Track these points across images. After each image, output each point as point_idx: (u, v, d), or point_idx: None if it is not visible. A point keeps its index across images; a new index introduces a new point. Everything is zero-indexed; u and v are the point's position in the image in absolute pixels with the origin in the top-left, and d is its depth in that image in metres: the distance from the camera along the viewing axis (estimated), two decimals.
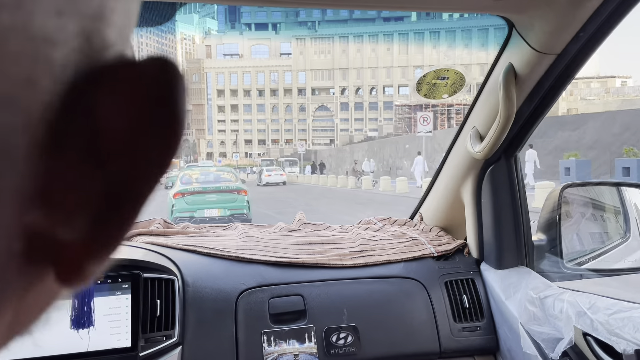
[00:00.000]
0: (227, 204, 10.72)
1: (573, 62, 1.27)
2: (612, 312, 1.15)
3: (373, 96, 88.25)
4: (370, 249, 1.72)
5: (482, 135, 1.55)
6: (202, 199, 10.70)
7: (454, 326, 1.56)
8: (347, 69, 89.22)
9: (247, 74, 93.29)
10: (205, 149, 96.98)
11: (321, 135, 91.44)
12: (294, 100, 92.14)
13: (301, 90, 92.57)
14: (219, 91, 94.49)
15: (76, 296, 1.13)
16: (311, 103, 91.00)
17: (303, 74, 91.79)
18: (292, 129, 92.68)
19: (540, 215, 1.67)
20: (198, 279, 1.47)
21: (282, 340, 1.44)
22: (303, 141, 73.84)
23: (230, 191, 11.03)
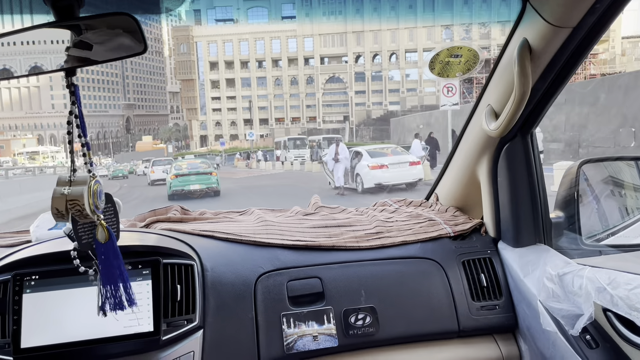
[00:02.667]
0: (203, 181, 17.04)
1: (589, 35, 1.24)
2: (633, 287, 1.14)
3: (393, 64, 74.43)
4: (386, 231, 1.73)
5: (497, 113, 1.53)
6: (189, 178, 16.97)
7: (472, 305, 1.56)
8: (362, 33, 75.18)
9: (244, 42, 79.54)
10: (198, 132, 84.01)
11: (333, 111, 77.90)
12: (300, 71, 78.50)
13: (308, 59, 78.71)
14: (211, 64, 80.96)
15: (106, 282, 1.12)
16: (320, 74, 77.25)
17: (310, 39, 77.81)
18: (299, 104, 79.14)
19: (557, 192, 1.65)
20: (217, 263, 1.49)
21: (301, 322, 1.46)
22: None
23: (205, 173, 17.55)
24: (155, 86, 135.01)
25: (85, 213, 1.03)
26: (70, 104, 1.03)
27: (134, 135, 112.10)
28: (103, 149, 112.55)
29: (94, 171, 1.06)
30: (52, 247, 1.40)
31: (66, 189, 1.02)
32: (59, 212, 1.02)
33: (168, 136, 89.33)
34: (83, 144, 1.06)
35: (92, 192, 1.04)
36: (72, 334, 1.27)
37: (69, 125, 1.04)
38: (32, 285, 1.30)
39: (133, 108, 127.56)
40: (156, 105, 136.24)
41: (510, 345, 1.59)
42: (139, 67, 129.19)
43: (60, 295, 1.30)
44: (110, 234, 1.11)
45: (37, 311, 1.28)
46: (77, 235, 1.12)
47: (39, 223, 1.66)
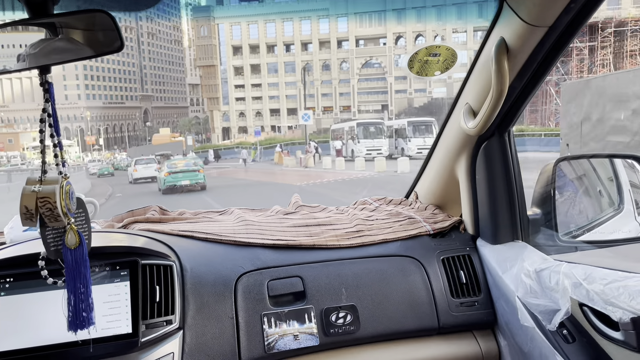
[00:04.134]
0: (192, 177, 19.69)
1: (565, 34, 1.26)
2: (608, 282, 1.16)
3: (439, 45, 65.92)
4: (366, 229, 1.73)
5: (475, 112, 1.54)
6: (179, 175, 19.51)
7: (451, 302, 1.58)
8: (403, 10, 66.91)
9: (271, 23, 70.96)
10: (220, 123, 76.63)
11: (370, 99, 69.61)
12: (332, 55, 70.05)
13: (342, 41, 70.57)
14: (234, 48, 73.07)
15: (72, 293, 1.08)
16: (356, 58, 68.86)
17: (344, 19, 69.04)
18: (331, 92, 71.22)
19: (534, 189, 1.67)
20: (196, 264, 1.48)
21: (282, 322, 1.45)
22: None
23: (194, 170, 20.07)
24: (174, 77, 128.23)
25: (57, 212, 1.00)
26: (44, 101, 1.02)
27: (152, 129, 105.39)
28: (119, 142, 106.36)
29: (65, 172, 1.03)
30: (27, 249, 1.35)
31: (37, 186, 1.00)
32: (28, 212, 0.99)
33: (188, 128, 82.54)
34: (55, 143, 1.03)
35: (64, 193, 1.01)
36: (48, 337, 1.24)
37: (42, 124, 1.02)
38: (6, 288, 1.28)
39: (151, 100, 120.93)
40: (175, 97, 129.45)
41: (490, 341, 1.61)
42: (157, 57, 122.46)
43: (35, 297, 1.28)
44: (81, 239, 1.08)
45: (11, 314, 1.25)
46: (46, 241, 1.07)
47: (14, 224, 1.61)
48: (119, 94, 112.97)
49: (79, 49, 1.01)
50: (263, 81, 72.68)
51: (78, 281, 1.09)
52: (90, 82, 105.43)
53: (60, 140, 1.04)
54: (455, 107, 1.69)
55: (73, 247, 1.07)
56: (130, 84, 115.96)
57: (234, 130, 74.49)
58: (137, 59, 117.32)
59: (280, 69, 71.78)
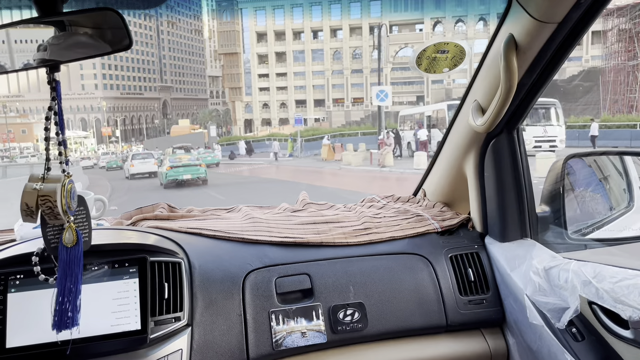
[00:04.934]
0: (194, 172, 19.97)
1: (574, 31, 1.25)
2: (617, 280, 1.15)
3: (481, 31, 60.52)
4: (374, 227, 1.73)
5: (483, 109, 1.54)
6: (181, 169, 19.79)
7: (459, 300, 1.57)
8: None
9: (298, 7, 66.31)
10: (242, 115, 72.18)
11: (404, 90, 64.37)
12: (364, 42, 64.75)
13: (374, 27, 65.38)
14: (259, 34, 68.42)
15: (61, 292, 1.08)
16: (390, 45, 63.60)
17: (377, 3, 63.89)
18: (362, 82, 66.24)
19: (543, 186, 1.66)
20: (204, 261, 1.48)
21: (289, 319, 1.45)
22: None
23: (195, 165, 20.39)
24: (194, 67, 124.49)
25: (57, 211, 1.01)
26: (50, 99, 1.02)
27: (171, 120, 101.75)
28: (137, 134, 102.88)
29: (68, 170, 1.05)
30: (37, 246, 1.33)
31: (38, 184, 1.01)
32: (28, 209, 1.00)
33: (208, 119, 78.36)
34: (60, 141, 1.04)
35: (65, 191, 1.02)
36: (55, 333, 1.22)
37: (47, 122, 1.03)
38: (16, 284, 1.28)
39: (170, 91, 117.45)
40: (195, 88, 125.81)
41: (498, 339, 1.60)
42: (177, 47, 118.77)
43: (46, 294, 1.28)
44: (79, 238, 1.08)
45: (22, 311, 1.26)
46: (46, 237, 1.09)
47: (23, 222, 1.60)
48: (137, 85, 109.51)
49: (96, 45, 1.02)
50: (288, 70, 67.90)
51: (69, 280, 1.08)
52: (107, 71, 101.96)
53: (65, 139, 1.05)
54: (463, 104, 1.67)
55: (70, 246, 1.07)
56: (149, 74, 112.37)
57: (257, 123, 70.00)
58: (156, 48, 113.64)
59: (307, 57, 66.97)
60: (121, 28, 1.00)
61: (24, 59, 1.06)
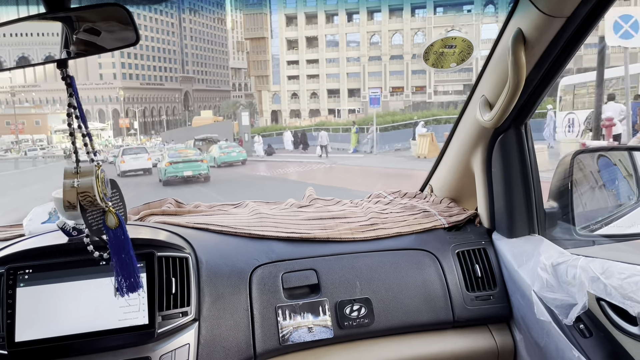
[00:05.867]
0: (195, 168, 18.66)
1: (583, 25, 1.24)
2: (626, 277, 1.15)
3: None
4: (381, 222, 1.73)
5: (491, 104, 1.53)
6: (181, 165, 18.46)
7: (466, 295, 1.57)
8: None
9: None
10: (269, 106, 66.47)
11: (449, 78, 57.81)
12: (405, 24, 58.39)
13: (415, 8, 59.10)
14: (288, 18, 62.65)
15: (119, 266, 1.18)
16: (434, 27, 57.09)
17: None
18: (402, 70, 59.97)
19: (551, 182, 1.66)
20: (211, 256, 1.49)
21: (296, 314, 1.46)
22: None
23: (196, 160, 19.14)
24: (217, 58, 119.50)
25: (96, 203, 1.07)
26: (68, 96, 1.05)
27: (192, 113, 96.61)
28: (158, 127, 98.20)
29: (97, 160, 1.09)
30: (46, 241, 1.37)
31: (75, 181, 1.06)
32: (70, 205, 1.06)
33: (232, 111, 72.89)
34: (84, 134, 1.08)
35: (99, 181, 1.08)
36: (66, 327, 1.26)
37: (69, 118, 1.07)
38: (25, 279, 1.29)
39: (192, 82, 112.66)
40: (217, 79, 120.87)
41: (505, 335, 1.60)
42: (200, 36, 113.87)
43: (54, 288, 1.29)
44: (120, 219, 1.15)
45: (31, 305, 1.27)
46: (87, 222, 1.16)
47: (32, 217, 1.63)
48: (158, 75, 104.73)
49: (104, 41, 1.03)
50: (320, 56, 61.70)
51: (122, 253, 1.16)
52: (127, 60, 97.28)
53: (89, 132, 1.09)
54: (471, 99, 1.67)
55: (114, 227, 1.15)
56: (170, 64, 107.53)
57: (285, 114, 64.17)
58: (177, 37, 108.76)
59: (341, 42, 60.71)
60: (128, 23, 1.00)
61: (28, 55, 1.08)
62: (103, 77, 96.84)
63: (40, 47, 1.08)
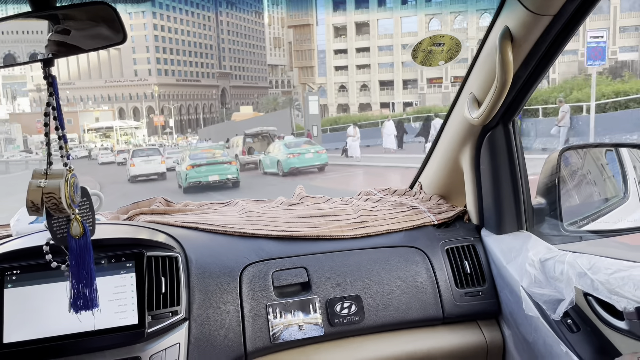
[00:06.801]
0: (222, 171, 15.88)
1: (570, 23, 1.25)
2: (612, 272, 1.16)
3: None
4: (370, 220, 1.73)
5: (479, 101, 1.54)
6: (206, 169, 15.74)
7: (456, 292, 1.58)
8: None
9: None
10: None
11: None
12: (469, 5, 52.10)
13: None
14: (335, 2, 56.84)
15: (76, 279, 1.13)
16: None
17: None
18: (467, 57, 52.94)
19: (539, 179, 1.66)
20: (201, 255, 1.49)
21: (287, 312, 1.45)
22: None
23: (225, 162, 16.27)
24: (254, 53, 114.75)
25: (62, 207, 1.03)
26: (48, 95, 1.04)
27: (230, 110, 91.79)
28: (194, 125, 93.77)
29: (70, 164, 1.07)
30: (33, 241, 1.36)
31: (42, 181, 1.03)
32: (34, 205, 1.02)
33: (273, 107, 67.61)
34: (60, 136, 1.06)
35: (68, 186, 1.04)
36: (55, 328, 1.26)
37: (46, 117, 1.05)
38: (13, 280, 1.29)
39: (229, 78, 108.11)
40: (255, 75, 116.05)
41: (494, 330, 1.61)
42: (236, 30, 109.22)
43: (42, 289, 1.29)
44: (85, 228, 1.11)
45: (19, 306, 1.26)
46: (52, 229, 1.13)
47: (20, 217, 1.62)
48: (194, 70, 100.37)
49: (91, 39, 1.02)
50: (372, 44, 55.46)
51: (82, 268, 1.11)
52: (162, 55, 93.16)
53: (65, 134, 1.06)
54: (459, 97, 1.68)
55: (77, 237, 1.10)
56: (207, 59, 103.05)
57: (332, 109, 58.18)
58: (214, 31, 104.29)
59: (395, 27, 54.34)
60: (115, 22, 0.99)
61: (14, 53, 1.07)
62: (138, 73, 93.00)
63: (26, 45, 1.08)
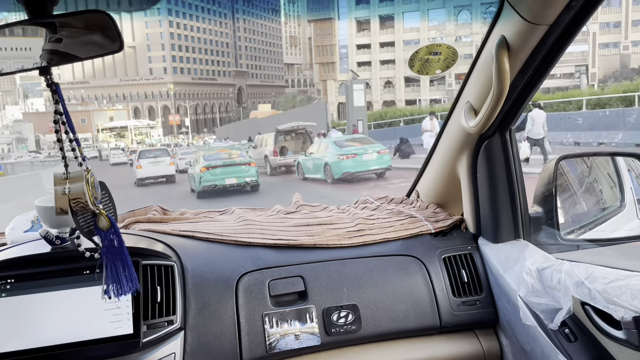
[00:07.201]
0: (241, 174, 14.14)
1: (566, 32, 1.26)
2: (610, 281, 1.16)
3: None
4: (367, 228, 1.73)
5: (476, 110, 1.54)
6: (223, 171, 14.07)
7: (453, 301, 1.57)
8: None
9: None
10: (335, 98, 57.94)
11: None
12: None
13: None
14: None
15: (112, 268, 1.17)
16: None
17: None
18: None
19: (536, 187, 1.66)
20: (197, 264, 1.48)
21: (283, 322, 1.45)
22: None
23: (243, 164, 14.48)
24: (271, 51, 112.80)
25: (88, 207, 1.08)
26: (54, 103, 1.05)
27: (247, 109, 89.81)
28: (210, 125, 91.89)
29: (85, 164, 1.10)
30: (28, 250, 1.36)
31: (66, 188, 1.06)
32: (63, 211, 1.06)
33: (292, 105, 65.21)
34: (72, 139, 1.08)
35: (90, 186, 1.08)
36: (50, 337, 1.25)
37: (56, 124, 1.07)
38: (7, 289, 1.28)
39: (245, 77, 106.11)
40: (272, 74, 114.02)
41: (491, 340, 1.60)
42: (253, 27, 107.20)
43: (37, 298, 1.28)
44: (111, 221, 1.15)
45: (13, 315, 1.26)
46: (79, 225, 1.14)
47: (14, 225, 1.62)
48: (210, 69, 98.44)
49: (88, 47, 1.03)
50: (397, 38, 52.60)
51: (116, 254, 1.16)
52: (177, 53, 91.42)
53: (77, 137, 1.09)
54: (456, 106, 1.67)
55: (105, 229, 1.14)
56: (223, 57, 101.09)
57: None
58: (230, 28, 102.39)
59: (422, 20, 51.57)
60: (112, 29, 0.99)
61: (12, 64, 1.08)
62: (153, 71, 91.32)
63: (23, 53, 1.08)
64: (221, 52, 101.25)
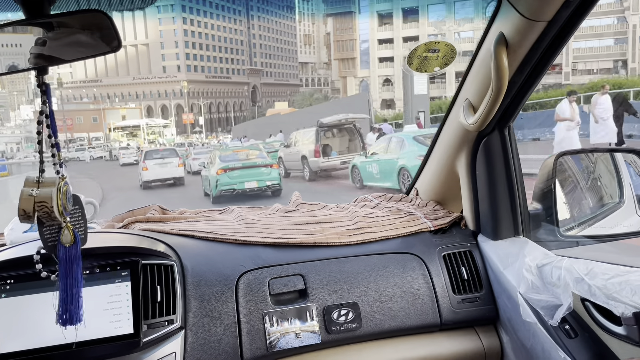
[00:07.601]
0: (262, 177, 12.91)
1: (564, 29, 1.25)
2: (610, 277, 1.16)
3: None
4: (367, 226, 1.72)
5: (474, 107, 1.54)
6: (242, 173, 12.82)
7: (453, 298, 1.57)
8: None
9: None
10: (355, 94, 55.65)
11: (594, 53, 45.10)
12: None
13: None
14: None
15: (64, 289, 1.12)
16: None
17: None
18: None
19: (535, 184, 1.66)
20: (197, 263, 1.48)
21: (284, 320, 1.44)
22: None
23: (264, 166, 13.25)
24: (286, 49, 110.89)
25: (53, 215, 1.03)
26: (41, 103, 1.03)
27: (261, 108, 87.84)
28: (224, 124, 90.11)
29: (62, 172, 1.06)
30: (27, 251, 1.35)
31: (34, 190, 1.02)
32: (25, 214, 1.02)
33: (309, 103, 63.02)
34: (53, 144, 1.05)
35: (61, 194, 1.04)
36: (49, 338, 1.24)
37: (39, 125, 1.04)
38: (6, 289, 1.28)
39: (260, 75, 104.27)
40: (287, 72, 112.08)
41: (492, 336, 1.60)
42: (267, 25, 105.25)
43: (37, 299, 1.28)
44: (76, 237, 1.11)
45: (13, 316, 1.26)
46: (43, 237, 1.11)
47: (14, 226, 1.60)
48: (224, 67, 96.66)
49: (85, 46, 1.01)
50: (421, 32, 50.08)
51: (70, 278, 1.10)
52: (191, 50, 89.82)
53: (58, 142, 1.06)
54: (455, 103, 1.67)
55: (68, 245, 1.09)
56: (237, 55, 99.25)
57: (376, 105, 53.08)
58: (244, 25, 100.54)
59: (448, 12, 49.05)
60: (109, 29, 0.99)
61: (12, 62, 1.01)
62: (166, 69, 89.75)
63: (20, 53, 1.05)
64: (235, 49, 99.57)
